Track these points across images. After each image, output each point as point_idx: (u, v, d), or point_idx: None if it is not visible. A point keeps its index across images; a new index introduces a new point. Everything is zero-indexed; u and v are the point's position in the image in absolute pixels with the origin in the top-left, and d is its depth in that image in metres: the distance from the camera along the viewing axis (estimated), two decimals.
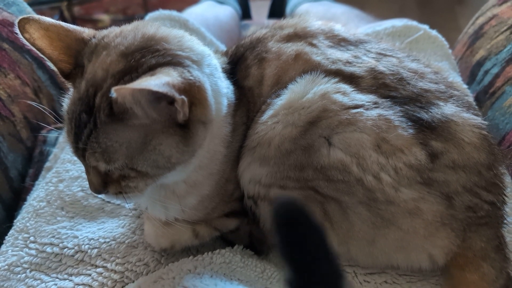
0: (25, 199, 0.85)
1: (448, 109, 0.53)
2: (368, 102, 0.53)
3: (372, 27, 0.95)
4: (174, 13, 0.99)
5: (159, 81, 0.40)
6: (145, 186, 0.50)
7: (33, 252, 0.62)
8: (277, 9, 1.68)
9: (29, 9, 1.02)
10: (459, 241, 0.50)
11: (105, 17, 2.95)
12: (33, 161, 0.91)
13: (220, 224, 0.64)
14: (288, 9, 1.55)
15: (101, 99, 0.45)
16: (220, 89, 0.54)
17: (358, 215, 0.52)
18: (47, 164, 0.85)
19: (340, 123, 0.52)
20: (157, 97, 0.42)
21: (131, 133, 0.45)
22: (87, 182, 0.67)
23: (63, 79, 0.50)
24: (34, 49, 0.49)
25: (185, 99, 0.43)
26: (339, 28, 0.66)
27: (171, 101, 0.44)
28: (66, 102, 0.50)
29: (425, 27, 0.90)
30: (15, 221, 0.70)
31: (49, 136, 0.95)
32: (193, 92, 0.46)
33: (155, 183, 0.50)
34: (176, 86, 0.42)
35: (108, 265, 0.60)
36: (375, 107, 0.53)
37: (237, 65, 0.63)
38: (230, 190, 0.62)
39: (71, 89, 0.51)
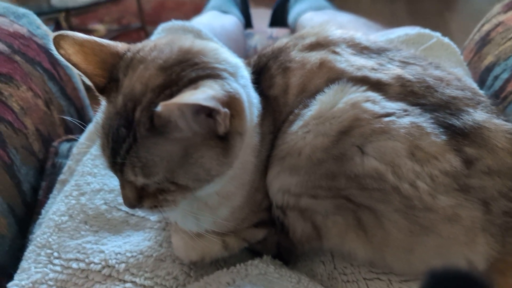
0: (39, 213, 0.84)
1: (479, 115, 0.54)
2: (399, 110, 0.53)
3: (385, 35, 0.96)
4: (187, 23, 0.99)
5: (205, 95, 0.40)
6: (183, 200, 0.49)
7: (58, 268, 0.61)
8: (279, 18, 1.69)
9: (39, 20, 1.01)
10: (499, 247, 0.50)
11: (100, 27, 2.94)
12: (46, 174, 0.90)
13: (249, 235, 0.63)
14: (290, 17, 1.56)
15: (141, 113, 0.44)
16: (252, 99, 0.54)
17: (394, 223, 0.52)
18: (61, 177, 0.84)
19: (373, 131, 0.52)
20: (197, 110, 0.42)
21: (172, 146, 0.45)
22: (110, 195, 0.67)
23: (98, 94, 0.50)
24: (69, 64, 0.49)
25: (228, 112, 0.43)
26: (360, 37, 0.66)
27: (209, 113, 0.43)
28: (99, 117, 0.50)
29: (438, 34, 0.92)
30: (34, 236, 0.69)
31: (60, 148, 0.93)
32: (233, 104, 0.46)
33: (192, 196, 0.50)
34: (219, 99, 0.42)
35: (137, 279, 0.59)
36: (406, 115, 0.53)
37: (260, 75, 0.63)
38: (259, 200, 0.61)
39: (104, 104, 0.51)
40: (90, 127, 0.88)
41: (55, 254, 0.62)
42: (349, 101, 0.54)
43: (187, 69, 0.46)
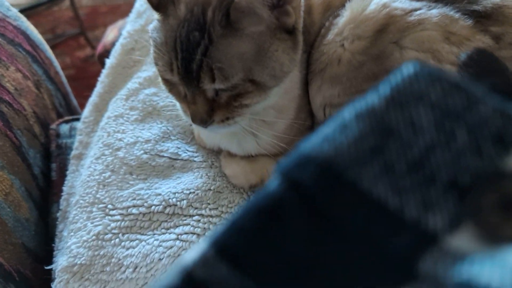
0: (56, 194, 0.80)
1: None
2: (424, 5, 0.59)
3: None
4: None
5: None
6: (257, 103, 0.51)
7: (118, 217, 0.59)
8: None
9: (7, 3, 0.95)
10: None
11: None
12: (53, 156, 0.85)
13: None
14: None
15: (213, 13, 0.45)
16: None
17: None
18: (75, 152, 0.80)
19: (408, 25, 0.57)
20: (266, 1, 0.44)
21: (247, 43, 0.46)
22: (147, 145, 0.66)
23: (154, 10, 0.50)
24: None
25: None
26: None
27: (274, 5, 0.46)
28: (158, 36, 0.49)
29: None
30: (74, 201, 0.65)
31: (61, 129, 0.89)
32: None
33: (264, 101, 0.51)
34: None
35: (203, 211, 0.59)
36: (432, 8, 0.59)
37: None
38: (303, 118, 0.64)
39: (157, 22, 0.51)
40: (93, 99, 0.85)
41: (110, 206, 0.60)
42: (379, 2, 0.59)
43: None
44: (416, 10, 0.58)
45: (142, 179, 0.64)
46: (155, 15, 0.51)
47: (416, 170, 0.20)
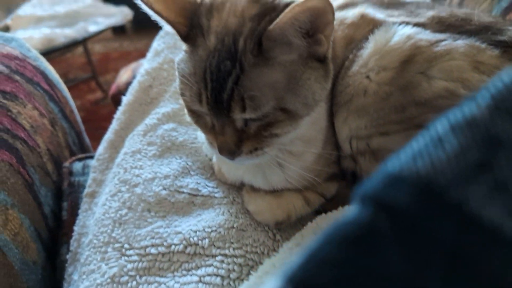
0: (66, 234, 0.76)
1: None
2: (449, 36, 0.59)
3: None
4: None
5: (311, 2, 0.42)
6: (287, 133, 0.48)
7: (135, 258, 0.55)
8: None
9: (27, 44, 0.96)
10: None
11: None
12: (65, 194, 0.82)
13: (325, 189, 0.63)
14: None
15: (245, 42, 0.45)
16: None
17: None
18: (88, 190, 0.77)
19: (435, 55, 0.56)
20: (305, 27, 0.44)
21: (280, 71, 0.45)
22: (166, 180, 0.64)
23: (182, 41, 0.49)
24: (151, 13, 0.48)
25: (333, 26, 0.45)
26: None
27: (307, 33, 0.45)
28: (186, 67, 0.48)
29: None
30: (87, 241, 0.62)
31: (74, 167, 0.87)
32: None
33: (294, 131, 0.49)
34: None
35: (226, 251, 0.55)
36: (458, 39, 0.58)
37: None
38: (329, 150, 0.62)
39: (184, 54, 0.50)
40: (108, 137, 0.84)
41: (126, 245, 0.57)
42: (403, 34, 0.58)
43: None
44: (441, 41, 0.57)
45: (161, 216, 0.60)
46: (183, 47, 0.50)
47: None
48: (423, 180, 0.18)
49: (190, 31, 0.49)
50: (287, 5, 0.46)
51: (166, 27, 0.49)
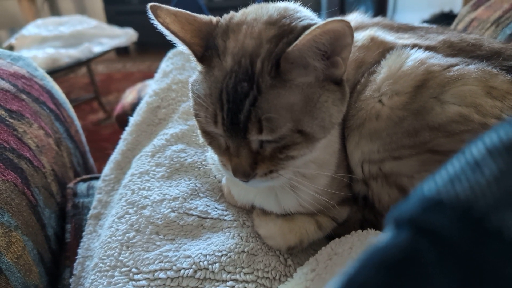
0: (69, 258, 0.74)
1: None
2: (461, 61, 0.59)
3: None
4: None
5: (335, 23, 0.42)
6: (303, 156, 0.48)
7: (143, 282, 0.53)
8: None
9: (34, 63, 0.96)
10: None
11: None
12: (68, 216, 0.80)
13: (337, 213, 0.61)
14: None
15: (262, 64, 0.44)
16: None
17: None
18: (93, 212, 0.76)
19: (447, 80, 0.56)
20: (323, 49, 0.44)
21: (297, 93, 0.45)
22: (175, 202, 0.62)
23: (198, 62, 0.49)
24: (168, 33, 0.48)
25: (350, 49, 0.45)
26: (387, 20, 0.73)
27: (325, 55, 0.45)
28: (201, 88, 0.48)
29: None
30: (92, 264, 0.60)
31: (78, 188, 0.85)
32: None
33: (310, 153, 0.49)
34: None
35: (237, 276, 0.54)
36: (469, 64, 0.58)
37: None
38: (342, 173, 0.61)
39: (199, 75, 0.49)
40: (115, 157, 0.83)
41: (134, 270, 0.55)
42: (416, 59, 0.58)
43: (295, 21, 0.48)
44: (453, 66, 0.57)
45: (169, 239, 0.59)
46: (198, 68, 0.50)
47: None
48: (463, 204, 0.18)
49: (205, 52, 0.49)
50: (305, 27, 0.47)
51: (181, 48, 0.49)
